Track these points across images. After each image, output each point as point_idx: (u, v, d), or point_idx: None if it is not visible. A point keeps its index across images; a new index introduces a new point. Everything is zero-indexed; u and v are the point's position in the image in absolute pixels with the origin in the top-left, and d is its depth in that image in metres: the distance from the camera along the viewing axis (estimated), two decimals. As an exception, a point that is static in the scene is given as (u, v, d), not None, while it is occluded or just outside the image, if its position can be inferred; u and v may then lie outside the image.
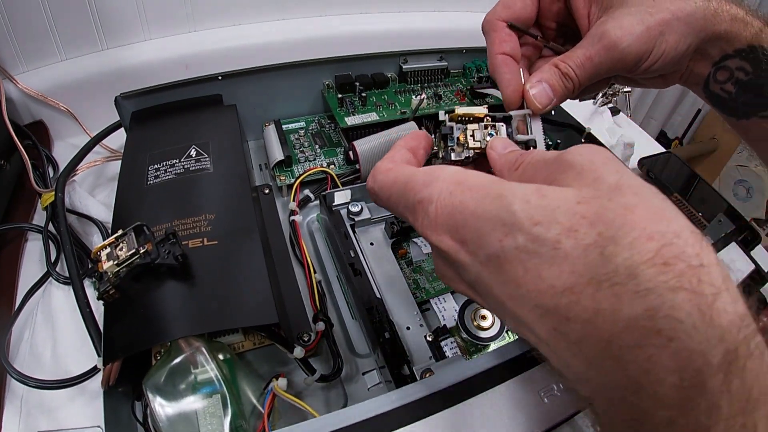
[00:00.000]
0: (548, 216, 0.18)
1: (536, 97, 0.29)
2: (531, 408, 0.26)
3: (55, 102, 0.56)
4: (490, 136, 0.27)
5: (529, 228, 0.18)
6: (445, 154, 0.26)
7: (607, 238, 0.17)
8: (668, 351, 0.15)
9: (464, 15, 0.77)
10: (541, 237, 0.18)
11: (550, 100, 0.29)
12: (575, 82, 0.29)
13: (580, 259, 0.17)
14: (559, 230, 0.17)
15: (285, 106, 0.57)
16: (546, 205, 0.18)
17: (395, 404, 0.25)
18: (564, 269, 0.17)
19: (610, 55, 0.28)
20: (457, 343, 0.37)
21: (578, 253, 0.17)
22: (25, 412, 0.35)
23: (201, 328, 0.31)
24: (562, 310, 0.17)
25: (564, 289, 0.17)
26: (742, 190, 1.39)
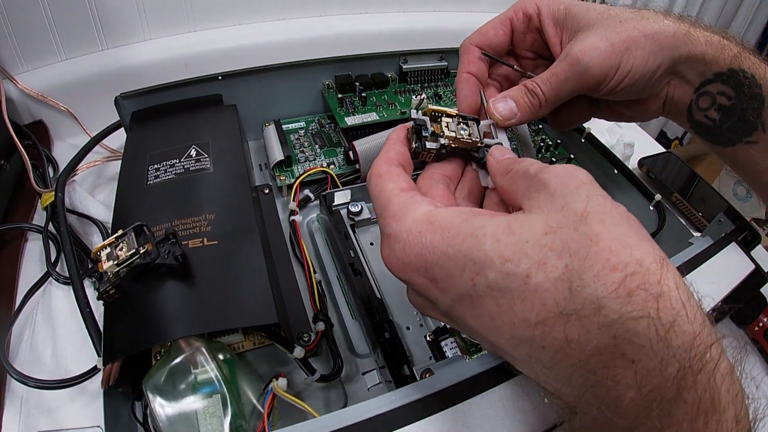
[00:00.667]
0: (518, 251, 0.19)
1: (498, 109, 0.29)
2: (531, 408, 0.26)
3: (55, 102, 0.56)
4: (463, 130, 0.28)
5: (500, 265, 0.19)
6: (417, 146, 0.27)
7: (573, 271, 0.18)
8: (630, 371, 0.17)
9: (464, 15, 0.77)
10: (511, 273, 0.19)
11: (513, 115, 0.29)
12: (541, 98, 0.29)
13: (550, 292, 0.18)
14: (529, 264, 0.19)
15: (285, 106, 0.57)
16: (515, 241, 0.19)
17: (395, 404, 0.25)
18: (536, 303, 0.18)
19: (574, 70, 0.29)
20: (457, 343, 0.37)
21: (548, 286, 0.18)
22: (25, 412, 0.35)
23: (201, 328, 0.31)
24: (536, 340, 0.19)
25: (536, 322, 0.18)
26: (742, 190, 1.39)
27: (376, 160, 0.26)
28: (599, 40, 0.28)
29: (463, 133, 0.27)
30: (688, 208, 0.55)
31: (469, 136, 0.28)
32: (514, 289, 0.19)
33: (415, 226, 0.22)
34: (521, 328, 0.19)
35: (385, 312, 0.38)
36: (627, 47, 0.28)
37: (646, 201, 0.50)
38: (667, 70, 0.30)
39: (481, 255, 0.19)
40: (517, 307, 0.19)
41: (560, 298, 0.18)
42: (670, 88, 0.31)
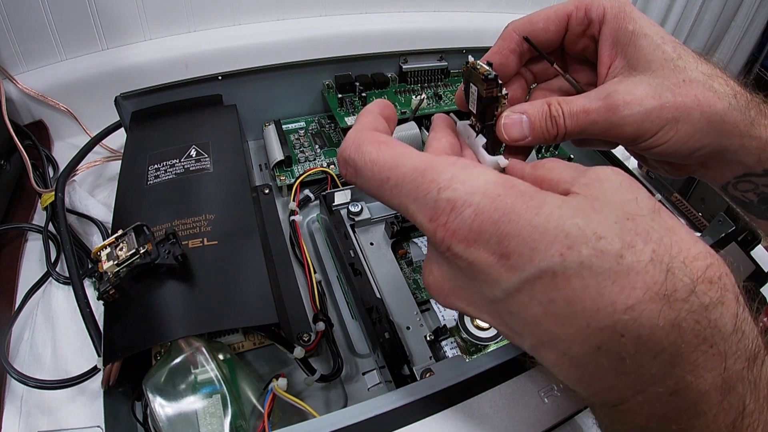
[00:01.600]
0: (610, 230, 0.18)
1: (507, 126, 0.26)
2: (531, 408, 0.26)
3: (55, 102, 0.56)
4: None
5: (594, 242, 0.17)
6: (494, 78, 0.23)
7: (662, 256, 0.17)
8: (709, 355, 0.17)
9: (464, 15, 0.77)
10: (605, 251, 0.17)
11: (523, 137, 0.26)
12: (560, 129, 0.26)
13: (641, 275, 0.17)
14: (621, 245, 0.17)
15: (285, 106, 0.57)
16: (605, 220, 0.18)
17: (395, 404, 0.25)
18: (626, 286, 0.17)
19: (607, 118, 0.25)
20: (457, 343, 0.37)
21: (639, 269, 0.17)
22: (25, 412, 0.35)
23: (201, 328, 0.31)
24: (618, 328, 0.17)
25: (626, 307, 0.17)
26: (742, 190, 1.39)
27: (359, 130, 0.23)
28: (650, 97, 0.25)
29: None
30: (688, 208, 0.55)
31: None
32: (605, 270, 0.17)
33: (492, 188, 0.19)
34: (605, 313, 0.17)
35: (385, 312, 0.38)
36: (676, 117, 0.25)
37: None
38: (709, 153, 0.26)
39: (573, 228, 0.18)
40: (606, 289, 0.17)
41: (652, 282, 0.17)
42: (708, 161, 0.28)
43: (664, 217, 0.19)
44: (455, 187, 0.19)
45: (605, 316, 0.17)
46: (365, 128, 0.23)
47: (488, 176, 0.19)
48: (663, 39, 0.26)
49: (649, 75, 0.25)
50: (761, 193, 0.28)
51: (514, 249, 0.18)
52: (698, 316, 0.17)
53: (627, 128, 0.25)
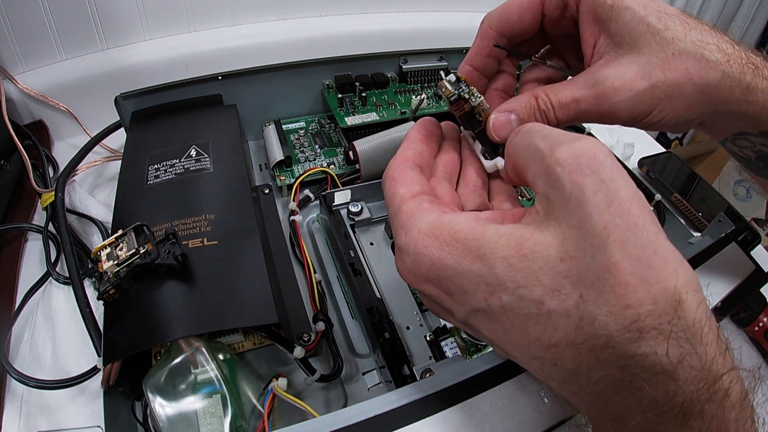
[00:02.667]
0: (531, 278, 0.18)
1: (496, 127, 0.26)
2: (531, 408, 0.26)
3: (55, 102, 0.56)
4: None
5: (513, 290, 0.19)
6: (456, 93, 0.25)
7: (587, 303, 0.17)
8: (636, 398, 0.17)
9: (464, 15, 0.77)
10: (525, 298, 0.18)
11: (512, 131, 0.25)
12: (551, 123, 0.25)
13: (562, 320, 0.18)
14: (542, 291, 0.18)
15: (285, 106, 0.57)
16: (528, 267, 0.18)
17: (395, 404, 0.25)
18: (548, 327, 0.18)
19: (599, 106, 0.24)
20: (457, 343, 0.37)
21: (561, 313, 0.18)
22: (25, 412, 0.35)
23: (201, 328, 0.31)
24: (548, 360, 0.19)
25: (549, 345, 0.18)
26: (742, 190, 1.39)
27: (392, 161, 0.26)
28: (639, 78, 0.24)
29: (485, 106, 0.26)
30: (688, 208, 0.55)
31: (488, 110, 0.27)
32: (527, 313, 0.19)
33: (422, 240, 0.21)
34: (534, 347, 0.19)
35: (385, 312, 0.38)
36: (668, 95, 0.24)
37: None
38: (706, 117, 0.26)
39: (493, 278, 0.19)
40: (531, 328, 0.19)
41: (571, 328, 0.18)
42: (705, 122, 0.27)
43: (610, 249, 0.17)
44: (400, 235, 0.22)
45: (535, 349, 0.19)
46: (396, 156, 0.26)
47: (422, 225, 0.21)
48: (646, 9, 0.24)
49: (636, 54, 0.24)
50: (759, 151, 0.28)
51: (452, 289, 0.21)
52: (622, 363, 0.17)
53: (620, 113, 0.24)
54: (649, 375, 0.17)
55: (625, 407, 0.18)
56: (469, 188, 0.27)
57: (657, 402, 0.17)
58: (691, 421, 0.17)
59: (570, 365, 0.18)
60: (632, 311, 0.17)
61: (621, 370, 0.17)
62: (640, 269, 0.17)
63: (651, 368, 0.17)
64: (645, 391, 0.17)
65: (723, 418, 0.17)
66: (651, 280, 0.17)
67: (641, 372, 0.17)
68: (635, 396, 0.17)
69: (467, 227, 0.20)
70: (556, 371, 0.19)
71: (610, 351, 0.17)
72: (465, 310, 0.21)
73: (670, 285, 0.17)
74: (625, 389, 0.17)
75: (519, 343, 0.20)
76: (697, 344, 0.17)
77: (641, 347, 0.17)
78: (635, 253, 0.17)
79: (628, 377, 0.17)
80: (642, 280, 0.17)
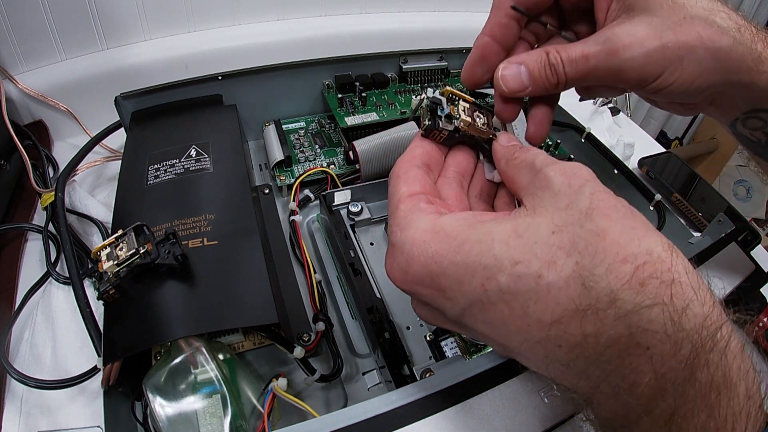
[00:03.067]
0: (527, 253, 0.19)
1: (506, 78, 0.25)
2: (531, 408, 0.26)
3: (55, 102, 0.56)
4: (478, 118, 0.27)
5: (511, 268, 0.19)
6: (430, 123, 0.26)
7: (584, 267, 0.18)
8: (646, 357, 0.17)
9: (464, 15, 0.77)
10: (523, 275, 0.19)
11: (523, 87, 0.25)
12: (560, 77, 0.25)
13: (563, 291, 0.18)
14: (539, 264, 0.19)
15: (285, 106, 0.57)
16: (524, 243, 0.19)
17: (395, 404, 0.25)
18: (549, 303, 0.18)
19: (608, 62, 0.24)
20: (457, 343, 0.37)
21: (560, 284, 0.18)
22: (25, 412, 0.35)
23: (201, 328, 0.31)
24: (551, 340, 0.19)
25: (552, 322, 0.18)
26: (742, 190, 1.39)
27: (399, 158, 0.26)
28: (651, 37, 0.23)
29: (478, 121, 0.26)
30: (688, 208, 0.55)
31: (483, 125, 0.26)
32: (526, 291, 0.19)
33: (419, 236, 0.21)
34: (536, 329, 0.19)
35: (385, 312, 0.38)
36: (680, 56, 0.23)
37: (646, 201, 0.50)
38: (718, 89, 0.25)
39: (490, 259, 0.19)
40: (531, 309, 0.19)
41: (574, 295, 0.18)
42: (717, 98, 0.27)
43: (596, 219, 0.18)
44: (395, 233, 0.22)
45: (536, 332, 0.19)
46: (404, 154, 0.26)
47: (420, 224, 0.22)
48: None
49: (647, 15, 0.24)
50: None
51: (446, 285, 0.21)
52: (628, 321, 0.17)
53: (630, 72, 0.24)
54: (657, 327, 0.17)
55: (634, 370, 0.17)
56: (476, 192, 0.27)
57: (665, 358, 0.17)
58: (698, 372, 0.17)
59: (575, 339, 0.18)
60: (629, 265, 0.17)
61: (628, 329, 0.17)
62: (626, 231, 0.18)
63: (657, 320, 0.17)
64: (653, 348, 0.17)
65: (727, 367, 0.17)
66: (641, 236, 0.18)
67: (648, 326, 0.17)
68: (644, 356, 0.17)
69: (465, 223, 0.21)
70: (560, 351, 0.19)
71: (616, 309, 0.17)
72: (459, 305, 0.21)
73: (658, 239, 0.18)
74: (633, 349, 0.17)
75: (518, 331, 0.19)
76: (697, 291, 0.17)
77: (646, 299, 0.17)
78: (619, 220, 0.18)
79: (635, 336, 0.17)
80: (631, 237, 0.18)
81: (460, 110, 0.26)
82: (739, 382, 0.17)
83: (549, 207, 0.20)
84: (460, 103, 0.26)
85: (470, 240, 0.20)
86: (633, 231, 0.18)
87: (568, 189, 0.20)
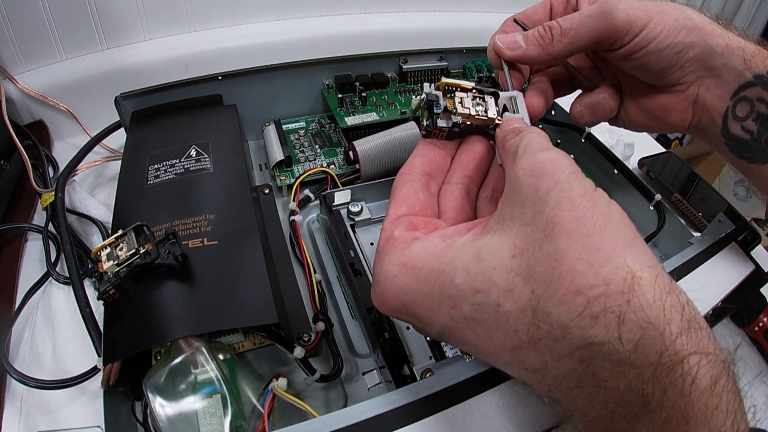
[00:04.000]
0: (486, 281, 0.19)
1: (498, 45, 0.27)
2: (531, 408, 0.26)
3: (55, 102, 0.56)
4: (479, 106, 0.26)
5: (471, 297, 0.19)
6: (428, 124, 0.25)
7: (538, 297, 0.18)
8: (599, 391, 0.17)
9: (464, 15, 0.77)
10: (482, 304, 0.19)
11: (517, 46, 0.27)
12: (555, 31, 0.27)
13: (519, 320, 0.18)
14: (498, 293, 0.19)
15: (285, 106, 0.57)
16: (484, 270, 0.19)
17: (395, 404, 0.25)
18: (508, 331, 0.19)
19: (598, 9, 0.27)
20: (457, 343, 0.37)
21: (516, 314, 0.18)
22: (25, 412, 0.35)
23: (201, 328, 0.31)
24: (516, 362, 0.19)
25: (512, 348, 0.19)
26: (742, 190, 1.39)
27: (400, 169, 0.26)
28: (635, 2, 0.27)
29: (479, 109, 0.26)
30: (688, 208, 0.55)
31: (485, 113, 0.26)
32: (487, 319, 0.19)
33: (391, 269, 0.22)
34: (501, 353, 0.20)
35: (385, 312, 0.38)
36: (661, 10, 0.27)
37: (646, 201, 0.50)
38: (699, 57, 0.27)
39: (453, 289, 0.20)
40: (493, 335, 0.19)
41: (529, 325, 0.18)
42: (702, 88, 0.29)
43: (556, 238, 0.17)
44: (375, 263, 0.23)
45: (502, 355, 0.19)
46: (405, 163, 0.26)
47: (392, 257, 0.22)
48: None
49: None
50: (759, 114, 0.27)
51: (419, 313, 0.21)
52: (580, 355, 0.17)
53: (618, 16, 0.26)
54: (608, 364, 0.16)
55: (589, 401, 0.17)
56: (487, 192, 0.27)
57: (618, 392, 0.16)
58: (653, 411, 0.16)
59: (534, 365, 0.18)
60: (582, 297, 0.16)
61: (581, 363, 0.17)
62: (587, 254, 0.17)
63: (608, 356, 0.16)
64: (605, 382, 0.17)
65: (689, 405, 0.16)
66: (600, 262, 0.17)
67: (600, 362, 0.16)
68: (598, 387, 0.17)
69: (432, 251, 0.21)
70: (526, 373, 0.19)
71: (567, 343, 0.17)
72: (434, 329, 0.22)
73: (620, 264, 0.17)
74: (588, 382, 0.17)
75: (488, 352, 0.20)
76: (659, 323, 0.16)
77: (596, 334, 0.16)
78: (582, 240, 0.17)
79: (589, 370, 0.17)
80: (590, 263, 0.17)
81: (457, 102, 0.25)
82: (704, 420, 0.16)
83: (515, 220, 0.19)
84: (457, 93, 0.26)
85: (434, 270, 0.21)
86: (595, 254, 0.17)
87: (534, 194, 0.19)
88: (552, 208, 0.18)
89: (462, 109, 0.25)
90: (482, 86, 0.27)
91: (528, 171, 0.20)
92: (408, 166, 0.26)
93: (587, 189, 0.19)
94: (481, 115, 0.26)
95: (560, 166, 0.19)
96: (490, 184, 0.27)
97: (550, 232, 0.18)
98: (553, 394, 0.19)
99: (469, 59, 0.64)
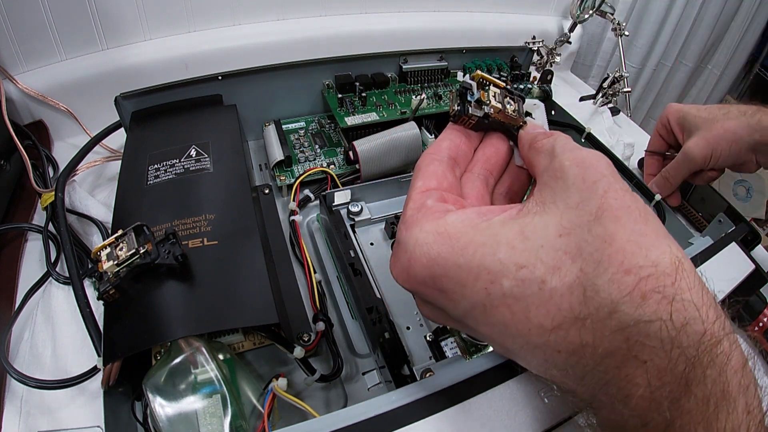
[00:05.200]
0: (533, 257, 0.19)
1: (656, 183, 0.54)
2: (531, 408, 0.26)
3: (55, 102, 0.56)
4: (509, 104, 0.26)
5: (515, 273, 0.19)
6: (459, 109, 0.25)
7: (587, 275, 0.18)
8: (642, 370, 0.17)
9: (464, 15, 0.77)
10: (527, 279, 0.19)
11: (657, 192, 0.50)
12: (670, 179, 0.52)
13: (565, 297, 0.18)
14: (544, 269, 0.18)
15: (285, 106, 0.57)
16: (530, 247, 0.19)
17: (395, 404, 0.25)
18: (550, 309, 0.18)
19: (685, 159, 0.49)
20: (457, 343, 0.37)
21: (563, 291, 0.18)
22: (25, 412, 0.35)
23: (201, 328, 0.31)
24: (551, 345, 0.19)
25: (552, 327, 0.18)
26: (742, 190, 1.39)
27: (425, 150, 0.26)
28: (699, 139, 0.48)
29: (508, 107, 0.26)
30: (688, 208, 0.55)
31: (514, 112, 0.26)
32: (529, 296, 0.19)
33: (423, 237, 0.21)
34: (536, 334, 0.19)
35: (385, 312, 0.38)
36: (717, 142, 0.47)
37: (646, 201, 0.50)
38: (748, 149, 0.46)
39: (495, 264, 0.19)
40: (533, 313, 0.19)
41: (575, 303, 0.18)
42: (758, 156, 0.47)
43: (605, 222, 0.18)
44: (401, 230, 0.22)
45: (537, 336, 0.19)
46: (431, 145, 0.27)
47: (425, 224, 0.21)
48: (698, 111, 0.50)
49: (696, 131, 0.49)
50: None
51: (448, 287, 0.21)
52: (627, 334, 0.17)
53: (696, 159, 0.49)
54: (654, 342, 0.17)
55: (629, 382, 0.17)
56: (503, 189, 0.27)
57: (660, 372, 0.17)
58: (694, 387, 0.17)
59: (574, 345, 0.18)
60: (632, 276, 0.17)
61: (626, 342, 0.17)
62: (635, 237, 0.18)
63: (655, 335, 0.17)
64: (649, 362, 0.17)
65: (726, 382, 0.17)
66: (647, 245, 0.18)
67: (646, 340, 0.17)
68: (640, 368, 0.17)
69: (471, 224, 0.21)
70: (559, 357, 0.19)
71: (615, 321, 0.17)
72: (461, 307, 0.21)
73: (666, 249, 0.18)
74: (630, 362, 0.17)
75: (519, 334, 0.19)
76: (700, 306, 0.17)
77: (645, 313, 0.17)
78: (629, 225, 0.18)
79: (632, 349, 0.17)
80: (639, 245, 0.17)
81: (491, 96, 0.26)
82: (738, 397, 0.17)
83: (559, 203, 0.20)
84: (491, 88, 0.26)
85: (474, 242, 0.20)
86: (642, 239, 0.18)
87: (581, 183, 0.20)
88: (601, 195, 0.19)
89: (495, 103, 0.26)
90: (512, 88, 0.27)
91: (575, 162, 0.20)
92: (435, 147, 0.26)
93: (627, 186, 0.20)
94: (510, 112, 0.26)
95: (604, 162, 0.21)
96: (506, 182, 0.27)
97: (599, 216, 0.18)
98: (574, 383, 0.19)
99: (469, 59, 0.64)
